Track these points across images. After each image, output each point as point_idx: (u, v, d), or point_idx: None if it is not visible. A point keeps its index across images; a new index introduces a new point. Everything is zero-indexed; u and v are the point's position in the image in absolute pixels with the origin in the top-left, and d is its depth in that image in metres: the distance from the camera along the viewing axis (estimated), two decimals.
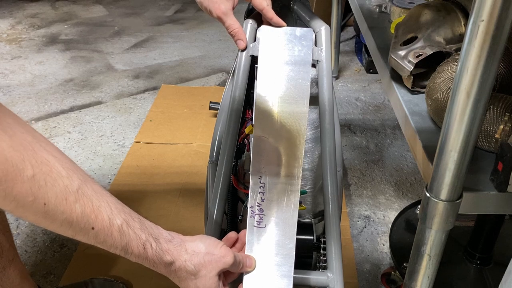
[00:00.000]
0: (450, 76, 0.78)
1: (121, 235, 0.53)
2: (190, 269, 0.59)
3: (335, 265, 0.72)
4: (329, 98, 0.75)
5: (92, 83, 2.21)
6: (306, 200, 0.86)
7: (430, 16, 0.93)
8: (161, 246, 0.57)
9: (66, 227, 0.49)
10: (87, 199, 0.50)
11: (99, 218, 0.51)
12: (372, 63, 2.18)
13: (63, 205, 0.47)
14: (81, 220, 0.49)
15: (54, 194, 0.46)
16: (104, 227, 0.51)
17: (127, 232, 0.54)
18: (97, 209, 0.50)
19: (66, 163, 0.49)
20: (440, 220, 0.64)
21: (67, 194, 0.48)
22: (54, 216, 0.47)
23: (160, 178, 1.59)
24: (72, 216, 0.48)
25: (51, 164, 0.47)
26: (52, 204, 0.46)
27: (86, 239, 0.52)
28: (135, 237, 0.55)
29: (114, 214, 0.52)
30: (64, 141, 1.80)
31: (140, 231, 0.55)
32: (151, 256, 0.57)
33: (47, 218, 0.47)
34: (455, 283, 1.15)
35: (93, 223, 0.50)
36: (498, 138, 0.71)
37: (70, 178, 0.48)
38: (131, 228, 0.54)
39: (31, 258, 1.30)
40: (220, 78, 2.27)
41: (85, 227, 0.50)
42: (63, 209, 0.47)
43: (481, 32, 0.51)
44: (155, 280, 1.23)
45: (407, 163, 1.68)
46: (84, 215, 0.49)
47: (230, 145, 0.76)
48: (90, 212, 0.50)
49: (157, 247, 0.57)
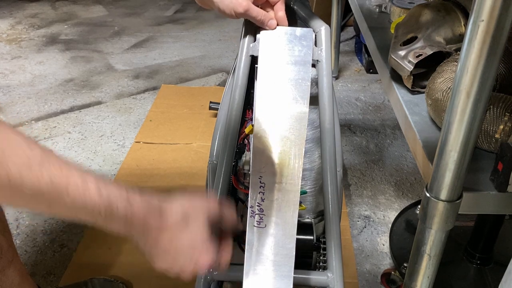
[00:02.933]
0: (450, 76, 0.78)
1: (100, 196, 0.48)
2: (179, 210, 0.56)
3: (335, 265, 0.72)
4: (329, 98, 0.75)
5: (92, 83, 2.20)
6: (306, 200, 0.86)
7: (430, 16, 0.93)
8: (144, 197, 0.53)
9: (38, 199, 0.45)
10: (54, 165, 0.46)
11: (72, 181, 0.46)
12: (372, 63, 2.18)
13: (28, 173, 0.44)
14: (51, 187, 0.45)
15: (15, 163, 0.43)
16: (80, 189, 0.47)
17: (105, 191, 0.49)
18: (67, 173, 0.46)
19: (25, 137, 0.46)
20: (440, 220, 0.64)
21: (30, 161, 0.44)
22: (21, 188, 0.44)
23: (160, 178, 1.59)
24: (41, 184, 0.44)
25: (8, 133, 0.44)
26: (16, 173, 0.43)
27: (65, 211, 0.47)
28: (117, 193, 0.50)
29: (85, 175, 0.48)
30: (64, 141, 1.80)
31: (116, 188, 0.50)
32: (137, 209, 0.51)
33: (14, 192, 0.44)
34: (455, 283, 1.15)
35: (66, 187, 0.46)
36: (498, 138, 0.71)
37: (31, 147, 0.45)
38: (108, 187, 0.49)
39: (31, 258, 1.30)
40: (220, 78, 2.27)
41: (58, 194, 0.46)
42: (29, 177, 0.44)
43: (481, 32, 0.51)
44: (155, 280, 1.23)
45: (407, 163, 1.68)
46: (54, 181, 0.45)
47: (230, 145, 0.76)
48: (60, 176, 0.46)
49: (142, 200, 0.52)
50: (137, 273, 1.24)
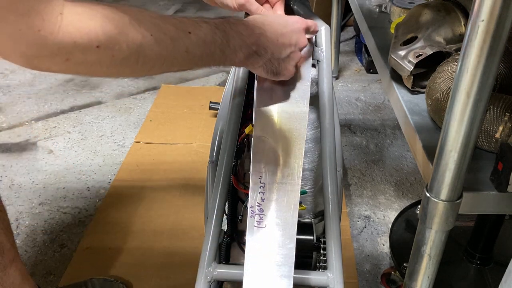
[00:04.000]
0: (450, 76, 0.78)
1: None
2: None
3: (335, 265, 0.72)
4: (329, 98, 0.75)
5: (92, 83, 2.20)
6: (306, 200, 0.86)
7: (430, 16, 0.93)
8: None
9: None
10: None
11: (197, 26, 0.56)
12: (372, 63, 2.18)
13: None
14: (179, 25, 0.54)
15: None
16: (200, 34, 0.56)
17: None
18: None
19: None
20: (440, 220, 0.64)
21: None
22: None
23: (160, 178, 1.59)
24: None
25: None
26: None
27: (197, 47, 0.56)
28: (217, 21, 0.59)
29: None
30: (64, 141, 1.80)
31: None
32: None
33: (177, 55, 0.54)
34: (455, 283, 1.15)
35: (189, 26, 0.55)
36: (498, 138, 0.71)
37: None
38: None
39: (31, 258, 1.30)
40: (220, 78, 2.27)
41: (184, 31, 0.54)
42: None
43: (481, 32, 0.51)
44: (155, 280, 1.23)
45: (407, 163, 1.68)
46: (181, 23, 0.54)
47: (230, 145, 0.76)
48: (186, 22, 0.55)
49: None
50: (137, 273, 1.24)
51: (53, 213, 1.46)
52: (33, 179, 1.60)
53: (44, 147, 1.76)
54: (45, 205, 1.49)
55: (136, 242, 1.35)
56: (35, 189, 1.55)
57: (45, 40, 0.42)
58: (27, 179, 1.60)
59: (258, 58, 0.64)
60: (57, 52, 0.43)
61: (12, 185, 1.57)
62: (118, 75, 0.52)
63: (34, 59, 0.43)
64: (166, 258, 1.29)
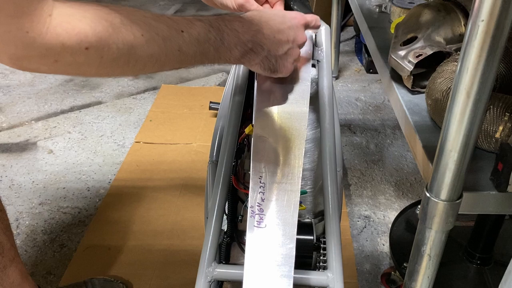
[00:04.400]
0: (450, 76, 0.78)
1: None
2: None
3: (335, 265, 0.72)
4: (329, 98, 0.75)
5: (92, 83, 2.20)
6: (306, 200, 0.86)
7: (430, 16, 0.93)
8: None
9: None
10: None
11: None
12: (372, 63, 2.18)
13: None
14: (171, 24, 0.53)
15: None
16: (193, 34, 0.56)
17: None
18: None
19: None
20: (440, 220, 0.64)
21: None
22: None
23: (160, 178, 1.59)
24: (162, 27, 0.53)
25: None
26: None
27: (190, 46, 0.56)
28: (210, 18, 0.59)
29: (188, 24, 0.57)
30: (64, 141, 1.80)
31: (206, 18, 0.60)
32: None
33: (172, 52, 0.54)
34: (455, 283, 1.15)
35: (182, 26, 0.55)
36: (498, 138, 0.71)
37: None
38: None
39: (31, 258, 1.30)
40: (220, 78, 2.27)
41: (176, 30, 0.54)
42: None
43: (481, 32, 0.51)
44: (155, 280, 1.23)
45: (407, 163, 1.68)
46: (174, 21, 0.54)
47: (230, 145, 0.76)
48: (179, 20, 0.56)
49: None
50: (137, 273, 1.24)
51: (53, 213, 1.46)
52: (33, 179, 1.60)
53: (44, 147, 1.76)
54: (45, 205, 1.49)
55: (136, 242, 1.35)
56: (35, 189, 1.56)
57: (34, 42, 0.42)
58: (27, 179, 1.60)
59: (254, 55, 0.63)
60: (45, 54, 0.43)
61: (12, 185, 1.57)
62: (109, 75, 0.52)
63: (23, 60, 0.43)
64: (166, 258, 1.29)
